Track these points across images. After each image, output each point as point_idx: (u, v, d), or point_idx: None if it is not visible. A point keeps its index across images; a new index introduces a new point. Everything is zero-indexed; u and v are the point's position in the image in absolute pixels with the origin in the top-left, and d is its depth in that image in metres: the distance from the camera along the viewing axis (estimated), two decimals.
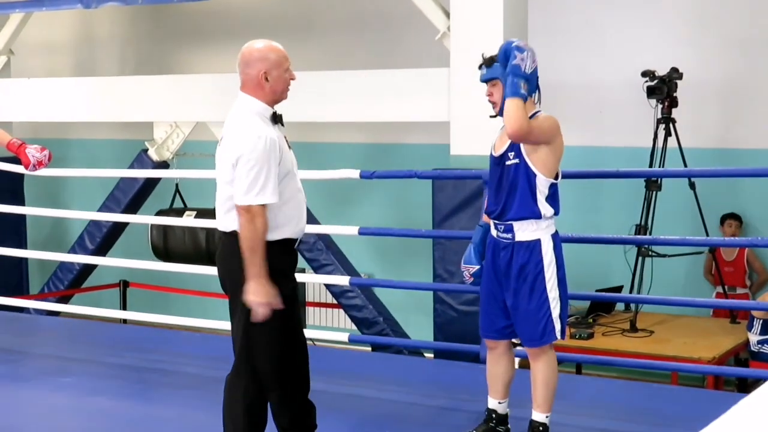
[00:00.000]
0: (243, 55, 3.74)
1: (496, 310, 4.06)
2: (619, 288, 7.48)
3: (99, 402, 5.04)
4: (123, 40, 10.85)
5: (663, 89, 7.16)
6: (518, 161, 3.92)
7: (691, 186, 7.27)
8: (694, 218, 7.32)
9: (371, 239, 8.55)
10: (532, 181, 3.91)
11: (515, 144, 3.93)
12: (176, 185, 8.64)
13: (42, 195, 10.24)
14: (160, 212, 8.26)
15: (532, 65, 3.84)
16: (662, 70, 7.20)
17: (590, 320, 7.18)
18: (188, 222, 7.57)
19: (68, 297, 9.32)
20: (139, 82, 8.71)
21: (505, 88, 3.87)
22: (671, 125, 7.23)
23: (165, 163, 8.62)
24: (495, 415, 4.17)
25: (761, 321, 6.69)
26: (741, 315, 7.28)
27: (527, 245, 3.93)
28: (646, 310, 7.41)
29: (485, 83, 4.03)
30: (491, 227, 4.08)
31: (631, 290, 7.20)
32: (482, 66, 4.04)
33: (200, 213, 7.81)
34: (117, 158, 9.80)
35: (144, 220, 8.06)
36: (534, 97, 4.01)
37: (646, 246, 7.12)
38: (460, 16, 6.52)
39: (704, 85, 7.80)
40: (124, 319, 8.18)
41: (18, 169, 6.42)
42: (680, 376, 6.85)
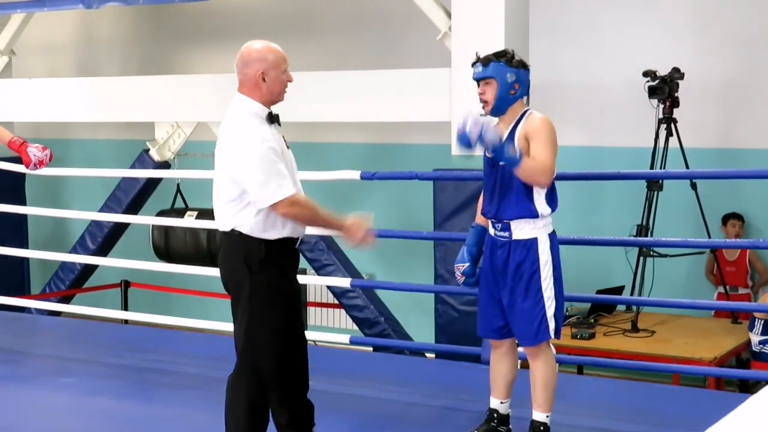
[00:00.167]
0: (241, 56, 3.74)
1: (494, 310, 4.05)
2: (621, 288, 7.47)
3: (99, 402, 5.04)
4: (124, 41, 10.86)
5: (664, 89, 7.16)
6: None
7: (693, 186, 7.26)
8: (696, 218, 7.31)
9: None
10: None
11: (510, 143, 3.92)
12: (177, 185, 8.64)
13: (43, 195, 10.24)
14: (162, 212, 8.26)
15: (484, 132, 3.72)
16: (663, 70, 7.20)
17: (591, 320, 7.18)
18: (189, 222, 7.57)
19: (69, 297, 9.32)
20: (141, 82, 8.71)
21: (505, 165, 3.86)
22: (673, 125, 7.22)
23: (166, 163, 8.62)
24: (497, 415, 4.16)
25: (763, 321, 6.68)
26: (742, 315, 7.27)
27: (524, 243, 3.93)
28: (648, 311, 7.40)
29: (478, 82, 4.01)
30: (489, 226, 4.08)
31: (633, 291, 7.19)
32: (476, 64, 4.03)
33: (201, 213, 7.81)
34: (118, 158, 9.79)
35: (145, 221, 8.06)
36: (524, 100, 4.02)
37: (648, 246, 7.12)
38: (462, 16, 6.51)
39: (706, 85, 7.79)
40: (126, 320, 8.18)
41: (19, 169, 6.41)
42: (681, 376, 6.84)
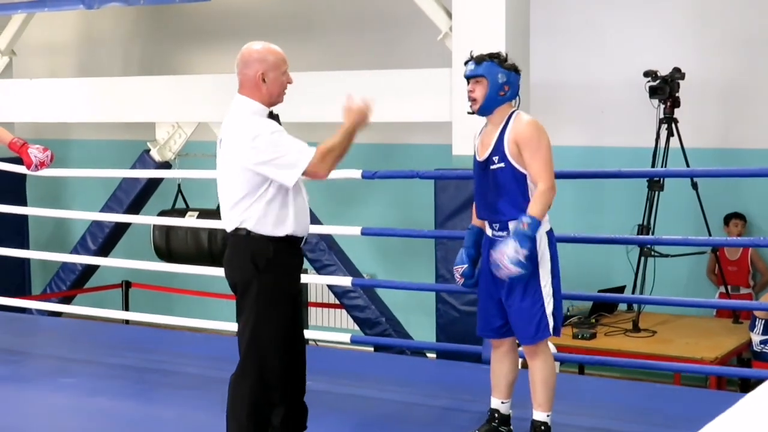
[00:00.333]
0: (242, 56, 3.76)
1: (493, 309, 4.05)
2: (622, 288, 7.47)
3: (100, 402, 5.04)
4: (125, 41, 10.86)
5: (665, 89, 7.16)
6: (504, 165, 3.91)
7: (694, 186, 7.26)
8: (697, 218, 7.31)
9: (373, 239, 8.54)
10: (521, 182, 3.91)
11: (500, 147, 3.93)
12: (178, 185, 8.64)
13: (44, 195, 10.25)
14: (163, 213, 8.26)
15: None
16: (664, 70, 7.20)
17: (593, 320, 7.18)
18: (190, 222, 7.57)
19: (70, 297, 9.32)
20: (141, 83, 8.71)
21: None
22: (673, 125, 7.22)
23: (167, 164, 8.62)
24: (498, 415, 4.15)
25: (764, 321, 6.68)
26: (744, 315, 7.27)
27: None
28: (649, 310, 7.40)
29: (468, 79, 4.02)
30: (486, 227, 4.08)
31: (634, 290, 7.19)
32: (468, 62, 4.03)
33: (202, 213, 7.81)
34: (119, 159, 9.79)
35: (146, 221, 8.05)
36: (513, 102, 4.02)
37: (649, 246, 7.12)
38: (462, 17, 6.51)
39: (706, 85, 7.79)
40: (126, 320, 8.18)
41: (20, 170, 6.41)
42: (683, 376, 6.84)
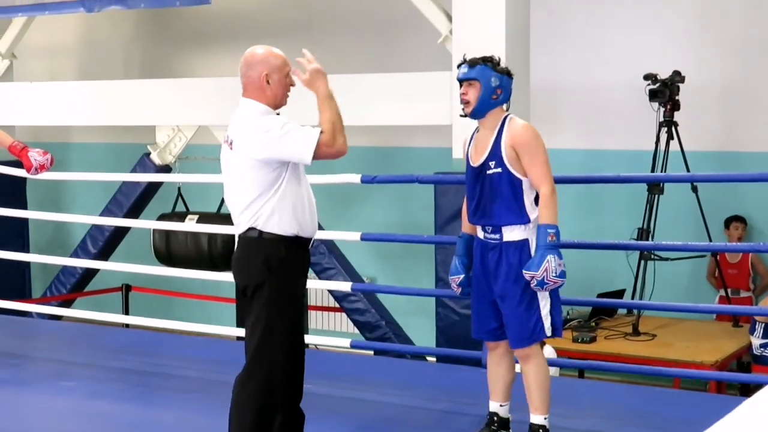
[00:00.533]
0: (245, 60, 3.82)
1: (487, 312, 4.05)
2: (622, 291, 7.47)
3: (100, 406, 5.04)
4: (125, 44, 10.87)
5: (665, 92, 7.17)
6: (501, 170, 3.91)
7: (694, 189, 7.26)
8: (697, 221, 7.31)
9: (374, 243, 8.54)
10: (517, 187, 3.90)
11: (496, 152, 3.92)
12: (179, 189, 8.63)
13: (44, 199, 10.25)
14: (163, 216, 8.26)
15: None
16: (664, 74, 7.21)
17: (592, 324, 7.18)
18: (191, 226, 7.57)
19: (71, 301, 9.32)
20: (142, 86, 8.71)
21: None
22: (673, 128, 7.23)
23: (167, 167, 8.62)
24: (497, 419, 4.15)
25: (764, 324, 6.69)
26: (743, 318, 7.28)
27: (516, 245, 3.92)
28: (649, 314, 7.40)
29: (461, 82, 4.02)
30: (478, 230, 4.07)
31: (634, 294, 7.19)
32: (462, 65, 4.03)
33: (203, 217, 7.80)
34: (119, 162, 9.79)
35: (146, 224, 8.04)
36: (504, 106, 4.03)
37: (649, 250, 7.12)
38: (462, 20, 6.52)
39: (706, 89, 7.80)
40: (127, 323, 8.17)
41: (20, 173, 6.41)
42: (682, 380, 6.84)
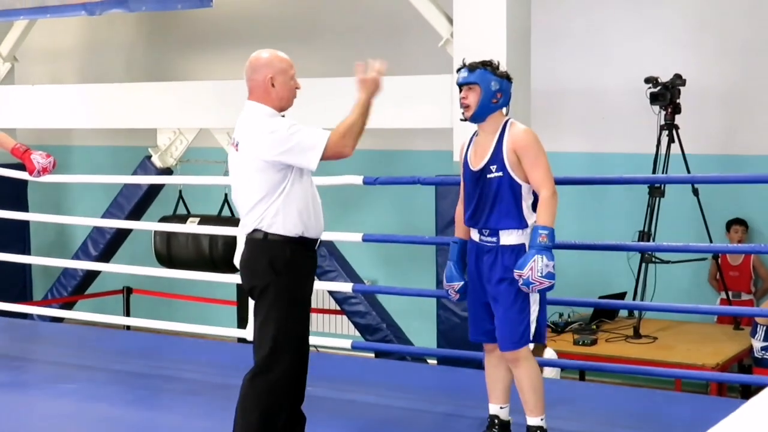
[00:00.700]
0: (250, 63, 3.88)
1: (482, 314, 4.06)
2: (623, 294, 7.47)
3: (102, 408, 5.04)
4: (126, 47, 10.87)
5: (666, 95, 7.17)
6: (502, 174, 3.92)
7: (695, 192, 7.27)
8: (698, 224, 7.31)
9: (375, 245, 8.55)
10: (517, 192, 3.92)
11: (498, 157, 3.94)
12: (180, 191, 8.64)
13: (46, 201, 10.26)
14: (164, 219, 8.27)
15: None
16: (665, 77, 7.21)
17: (593, 326, 7.18)
18: (191, 228, 7.57)
19: (72, 303, 9.32)
20: (143, 89, 8.72)
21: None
22: (674, 131, 7.23)
23: (168, 170, 8.63)
24: (497, 421, 4.15)
25: (765, 327, 6.69)
26: (745, 321, 7.28)
27: (512, 249, 3.92)
28: (650, 317, 7.41)
29: (461, 87, 4.03)
30: (472, 232, 4.08)
31: (635, 296, 7.19)
32: (461, 69, 4.04)
33: (203, 219, 7.80)
34: (120, 165, 9.80)
35: (147, 227, 8.05)
36: (503, 110, 4.03)
37: (650, 252, 7.12)
38: (463, 23, 6.53)
39: (707, 92, 7.80)
40: (128, 326, 8.18)
41: (22, 176, 6.42)
42: (684, 382, 6.84)
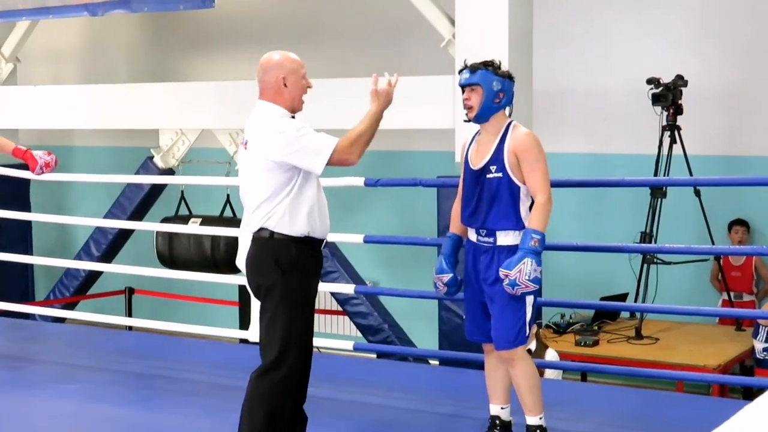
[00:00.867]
0: (261, 65, 3.92)
1: (479, 313, 4.07)
2: (625, 295, 7.47)
3: (103, 409, 5.04)
4: (129, 48, 10.88)
5: (668, 96, 7.17)
6: (501, 175, 3.93)
7: (696, 193, 7.26)
8: (700, 225, 7.31)
9: (376, 246, 8.54)
10: (516, 193, 3.92)
11: (499, 157, 3.94)
12: (182, 192, 8.64)
13: (48, 202, 10.26)
14: (166, 219, 8.27)
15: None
16: (667, 78, 7.21)
17: (595, 327, 7.18)
18: (193, 229, 7.57)
19: (74, 304, 9.33)
20: (145, 90, 8.72)
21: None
22: (676, 132, 7.23)
23: (170, 170, 8.63)
24: (499, 422, 4.15)
25: (767, 328, 6.68)
26: (746, 322, 7.26)
27: (508, 250, 3.92)
28: (652, 318, 7.40)
29: (463, 88, 4.04)
30: (470, 232, 4.08)
31: (636, 298, 7.19)
32: (463, 71, 4.04)
33: (205, 220, 7.81)
34: (122, 166, 9.81)
35: (149, 227, 8.05)
36: (506, 110, 4.03)
37: (651, 253, 7.12)
38: (465, 24, 6.53)
39: (709, 93, 7.80)
40: (130, 326, 8.19)
41: (24, 175, 6.42)
42: (685, 384, 6.83)
